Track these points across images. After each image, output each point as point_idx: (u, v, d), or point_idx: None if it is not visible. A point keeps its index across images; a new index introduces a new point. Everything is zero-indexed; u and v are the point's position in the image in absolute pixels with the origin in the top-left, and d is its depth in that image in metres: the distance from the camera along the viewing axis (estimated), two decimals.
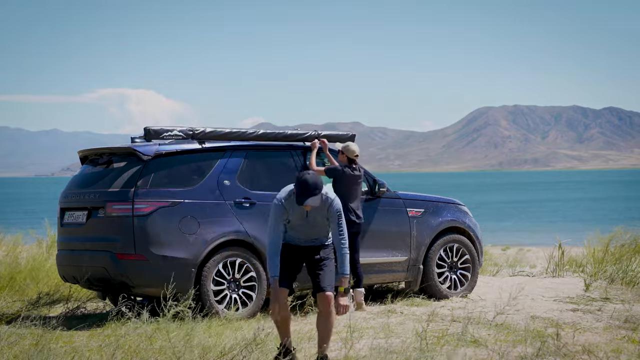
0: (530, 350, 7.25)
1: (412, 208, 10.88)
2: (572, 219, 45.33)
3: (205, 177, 9.62)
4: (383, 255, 10.57)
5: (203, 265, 9.34)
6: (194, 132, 9.84)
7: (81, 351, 7.33)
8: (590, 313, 9.65)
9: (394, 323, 9.00)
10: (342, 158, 10.33)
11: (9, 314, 9.62)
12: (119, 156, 9.72)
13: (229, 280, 9.48)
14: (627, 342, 7.88)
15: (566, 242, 14.07)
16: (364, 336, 8.21)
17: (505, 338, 8.00)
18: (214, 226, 9.44)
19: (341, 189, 10.06)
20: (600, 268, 12.60)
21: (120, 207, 9.20)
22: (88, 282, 9.59)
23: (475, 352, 7.45)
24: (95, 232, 9.44)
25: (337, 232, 6.94)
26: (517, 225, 41.22)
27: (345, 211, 10.04)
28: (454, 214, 11.21)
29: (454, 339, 7.86)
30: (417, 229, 10.81)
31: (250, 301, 9.54)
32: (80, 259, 9.54)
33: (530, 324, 8.69)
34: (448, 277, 11.00)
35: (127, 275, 9.15)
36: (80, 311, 10.32)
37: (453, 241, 11.07)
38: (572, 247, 15.73)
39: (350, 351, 7.36)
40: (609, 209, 55.04)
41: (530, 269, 14.94)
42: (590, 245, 14.24)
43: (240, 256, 9.55)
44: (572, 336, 8.02)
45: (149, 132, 9.69)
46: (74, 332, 8.72)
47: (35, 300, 10.62)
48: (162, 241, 9.18)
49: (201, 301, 9.21)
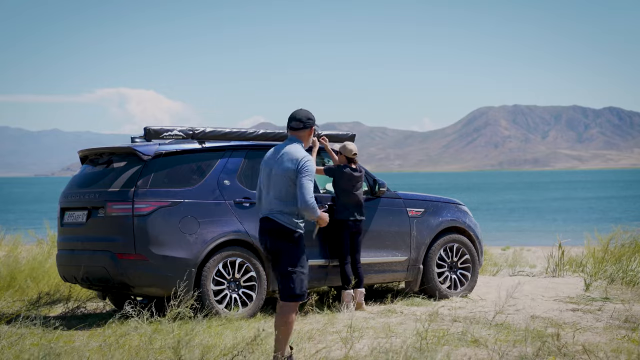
0: (530, 350, 7.25)
1: (412, 208, 10.88)
2: (596, 217, 45.36)
3: (205, 177, 9.63)
4: (383, 255, 10.56)
5: (203, 265, 9.34)
6: (194, 132, 9.84)
7: (81, 351, 7.34)
8: (590, 313, 9.65)
9: (394, 323, 9.00)
10: (341, 159, 10.33)
11: (9, 314, 9.62)
12: (119, 156, 9.72)
13: (229, 280, 9.48)
14: (627, 342, 7.88)
15: (566, 242, 14.06)
16: (364, 336, 8.22)
17: (505, 338, 7.99)
18: (214, 226, 9.44)
19: (341, 188, 10.06)
20: (600, 268, 12.60)
21: (120, 207, 9.20)
22: (88, 282, 9.59)
23: (475, 352, 7.45)
24: (95, 232, 9.44)
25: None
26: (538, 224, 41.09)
27: (344, 210, 10.04)
28: (454, 214, 11.21)
29: (454, 339, 7.87)
30: (417, 228, 10.81)
31: (250, 301, 9.54)
32: (80, 258, 9.54)
33: (530, 324, 8.69)
34: (448, 277, 11.00)
35: (127, 275, 9.15)
36: (80, 311, 10.32)
37: (453, 241, 11.07)
38: (572, 247, 15.73)
39: (350, 351, 7.36)
40: (623, 209, 54.79)
41: (530, 269, 14.94)
42: (590, 245, 14.24)
43: (240, 256, 9.55)
44: (572, 336, 8.02)
45: (149, 132, 9.69)
46: (74, 332, 8.72)
47: (35, 300, 10.62)
48: (162, 241, 9.18)
49: (201, 301, 9.21)
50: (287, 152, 6.77)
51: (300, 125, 6.86)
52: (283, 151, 6.79)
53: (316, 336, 8.17)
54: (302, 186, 6.62)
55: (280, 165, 6.74)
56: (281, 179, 6.72)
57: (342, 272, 10.05)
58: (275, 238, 6.72)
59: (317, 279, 10.05)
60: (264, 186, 6.89)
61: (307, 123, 6.86)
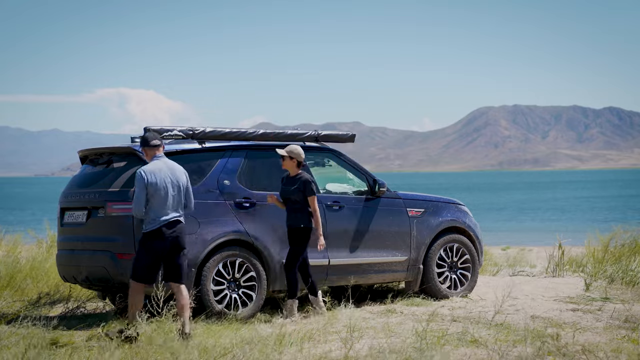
0: (530, 350, 7.25)
1: (412, 208, 10.87)
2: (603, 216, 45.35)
3: (205, 177, 9.63)
4: (383, 255, 10.56)
5: (203, 265, 9.34)
6: (194, 132, 9.84)
7: (81, 351, 7.34)
8: (590, 313, 9.65)
9: (394, 323, 9.00)
10: (291, 164, 9.68)
11: (9, 314, 9.62)
12: (119, 156, 9.72)
13: (229, 280, 9.48)
14: (627, 342, 7.88)
15: (566, 242, 14.06)
16: (364, 336, 8.22)
17: (505, 338, 7.99)
18: (214, 226, 9.44)
19: (306, 196, 9.59)
20: (600, 268, 12.60)
21: (120, 207, 9.20)
22: (88, 282, 9.59)
23: (475, 352, 7.45)
24: (95, 232, 9.44)
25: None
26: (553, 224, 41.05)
27: (310, 219, 9.64)
28: (454, 214, 11.21)
29: (454, 339, 7.87)
30: (417, 228, 10.80)
31: (250, 301, 9.54)
32: (80, 258, 9.54)
33: (530, 324, 8.69)
34: (448, 277, 11.00)
35: (127, 275, 9.14)
36: (80, 311, 10.32)
37: (453, 241, 11.07)
38: (572, 246, 15.73)
39: (350, 351, 7.36)
40: (623, 209, 54.73)
41: (530, 269, 14.93)
42: (590, 245, 14.23)
43: (240, 256, 9.55)
44: (572, 336, 8.01)
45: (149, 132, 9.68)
46: (74, 332, 8.72)
47: (35, 300, 10.62)
48: None
49: (201, 301, 9.20)
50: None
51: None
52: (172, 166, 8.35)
53: (316, 336, 8.17)
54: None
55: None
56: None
57: (294, 280, 9.55)
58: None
59: (317, 279, 10.04)
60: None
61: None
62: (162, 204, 8.14)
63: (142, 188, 8.08)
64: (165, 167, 8.24)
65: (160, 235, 8.13)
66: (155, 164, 8.25)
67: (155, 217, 8.13)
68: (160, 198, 8.13)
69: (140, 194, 8.09)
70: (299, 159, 9.62)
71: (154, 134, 8.42)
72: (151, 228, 8.14)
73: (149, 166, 8.24)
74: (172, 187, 8.19)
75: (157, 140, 8.36)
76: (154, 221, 8.14)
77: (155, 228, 8.12)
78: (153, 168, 8.19)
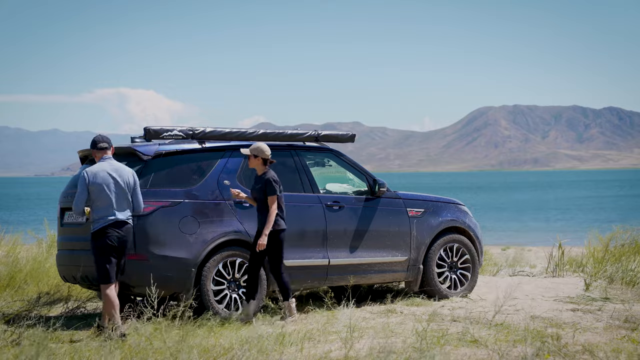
0: (530, 350, 7.25)
1: (412, 208, 10.87)
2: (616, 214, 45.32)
3: (205, 177, 9.63)
4: (383, 255, 10.56)
5: (203, 265, 9.34)
6: (194, 132, 9.84)
7: (81, 351, 7.34)
8: (590, 313, 9.65)
9: (394, 323, 9.00)
10: (256, 162, 9.52)
11: (9, 314, 9.62)
12: (119, 156, 9.70)
13: (229, 280, 9.48)
14: (627, 342, 7.88)
15: (566, 242, 14.06)
16: (364, 336, 8.21)
17: (505, 338, 8.00)
18: (214, 226, 9.44)
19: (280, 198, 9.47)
20: (600, 268, 12.60)
21: None
22: (87, 282, 9.58)
23: (475, 352, 7.45)
24: None
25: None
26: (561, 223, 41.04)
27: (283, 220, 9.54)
28: (454, 214, 11.21)
29: (454, 339, 7.87)
30: (417, 228, 10.80)
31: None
32: (80, 258, 9.54)
33: (530, 324, 8.69)
34: (448, 277, 11.00)
35: (127, 275, 9.13)
36: (80, 311, 10.32)
37: (453, 241, 11.07)
38: (572, 246, 15.73)
39: (350, 351, 7.36)
40: (624, 209, 54.72)
41: (530, 269, 14.94)
42: (590, 245, 14.24)
43: (240, 256, 9.55)
44: (572, 336, 8.02)
45: (149, 132, 9.69)
46: (74, 332, 8.72)
47: (35, 300, 10.61)
48: (162, 241, 9.18)
49: (201, 301, 9.20)
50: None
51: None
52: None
53: (316, 336, 8.17)
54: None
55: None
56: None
57: (285, 282, 9.43)
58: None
59: (317, 279, 10.05)
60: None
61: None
62: (107, 205, 8.44)
63: (84, 188, 8.43)
64: (110, 168, 8.52)
65: (106, 234, 8.42)
66: (100, 165, 8.55)
67: (100, 216, 8.45)
68: (104, 198, 8.43)
69: (81, 194, 8.44)
70: (264, 157, 9.46)
71: (103, 137, 8.68)
72: (97, 227, 8.47)
73: (93, 167, 8.55)
74: (117, 188, 8.45)
75: (104, 143, 8.65)
76: (99, 220, 8.45)
77: (101, 227, 8.44)
78: (97, 169, 8.50)
